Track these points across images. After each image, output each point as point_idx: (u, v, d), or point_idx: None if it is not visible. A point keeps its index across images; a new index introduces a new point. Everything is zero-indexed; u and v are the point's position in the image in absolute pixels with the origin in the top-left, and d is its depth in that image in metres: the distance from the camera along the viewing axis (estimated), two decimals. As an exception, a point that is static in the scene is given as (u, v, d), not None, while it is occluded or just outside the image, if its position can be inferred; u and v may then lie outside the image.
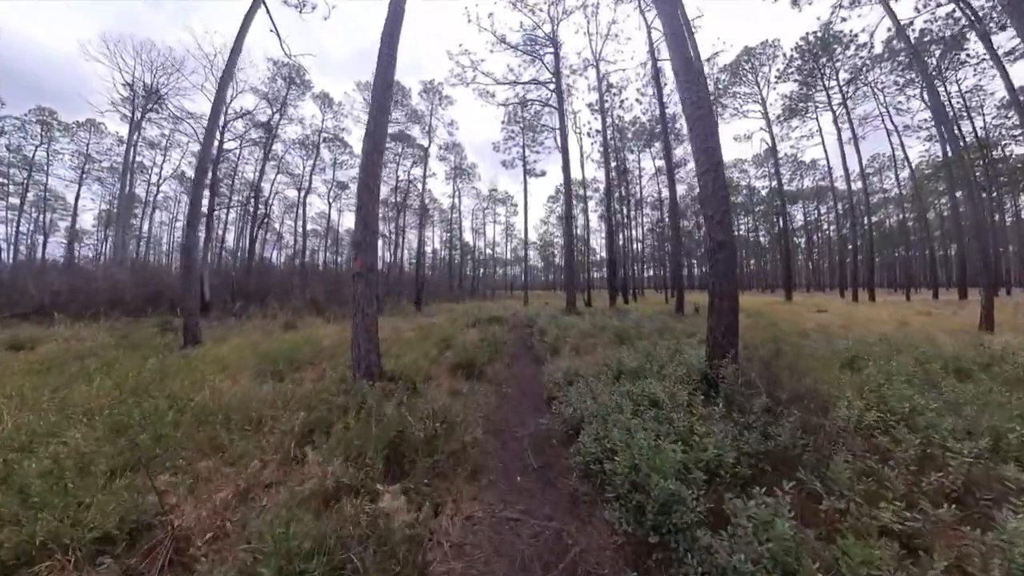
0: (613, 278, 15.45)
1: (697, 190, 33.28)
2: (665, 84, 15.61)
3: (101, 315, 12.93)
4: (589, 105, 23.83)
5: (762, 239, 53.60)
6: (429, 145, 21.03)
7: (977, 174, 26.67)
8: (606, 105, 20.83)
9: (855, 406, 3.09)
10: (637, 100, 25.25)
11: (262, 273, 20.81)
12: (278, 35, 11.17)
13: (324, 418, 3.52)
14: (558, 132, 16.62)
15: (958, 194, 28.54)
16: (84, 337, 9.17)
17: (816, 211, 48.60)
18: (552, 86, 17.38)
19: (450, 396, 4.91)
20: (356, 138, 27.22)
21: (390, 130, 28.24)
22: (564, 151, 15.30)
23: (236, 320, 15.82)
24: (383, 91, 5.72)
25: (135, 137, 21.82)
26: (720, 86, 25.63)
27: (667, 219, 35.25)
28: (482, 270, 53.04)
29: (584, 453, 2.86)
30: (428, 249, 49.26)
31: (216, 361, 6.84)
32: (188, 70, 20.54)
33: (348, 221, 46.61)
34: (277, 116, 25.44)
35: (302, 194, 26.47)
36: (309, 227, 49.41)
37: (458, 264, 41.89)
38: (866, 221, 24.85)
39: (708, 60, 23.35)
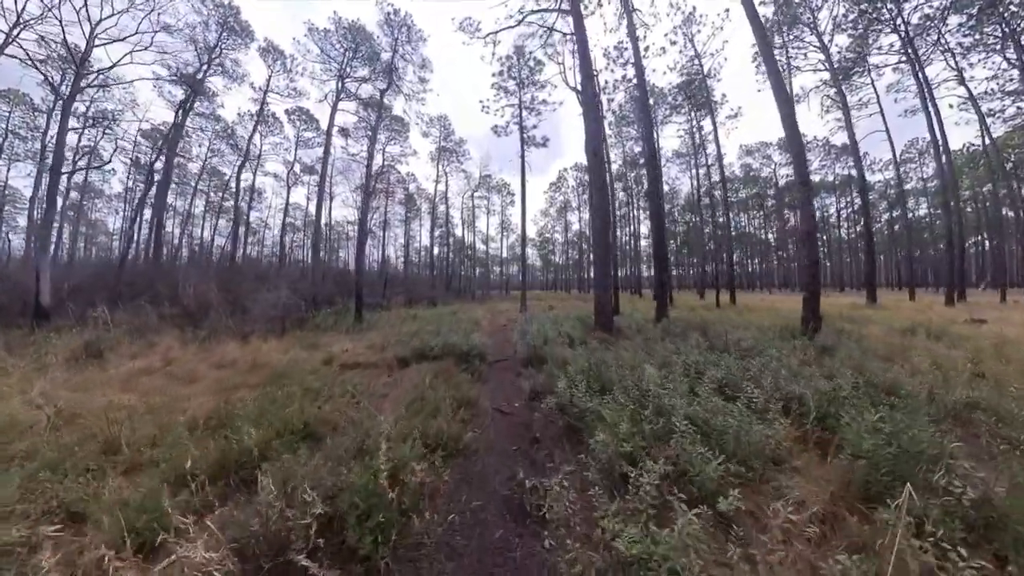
0: (662, 275, 9.01)
1: (713, 178, 26.56)
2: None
3: None
4: (605, 51, 17.40)
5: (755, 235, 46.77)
6: (387, 88, 14.46)
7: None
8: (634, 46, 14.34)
9: None
10: (663, 48, 18.78)
11: (162, 269, 14.32)
12: None
13: None
14: (573, 39, 10.15)
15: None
16: None
17: (841, 201, 42.07)
18: (562, -13, 10.96)
19: None
20: (313, 101, 20.76)
21: (354, 88, 21.64)
22: (584, 64, 8.80)
23: (75, 334, 9.42)
24: None
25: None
26: (769, 26, 19.23)
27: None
28: (478, 269, 46.48)
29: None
30: (416, 245, 42.69)
31: None
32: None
33: (312, 208, 39.47)
34: (205, 68, 18.93)
35: (237, 168, 20.05)
36: (287, 220, 42.93)
37: (443, 260, 35.25)
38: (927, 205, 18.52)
39: (766, -17, 16.97)
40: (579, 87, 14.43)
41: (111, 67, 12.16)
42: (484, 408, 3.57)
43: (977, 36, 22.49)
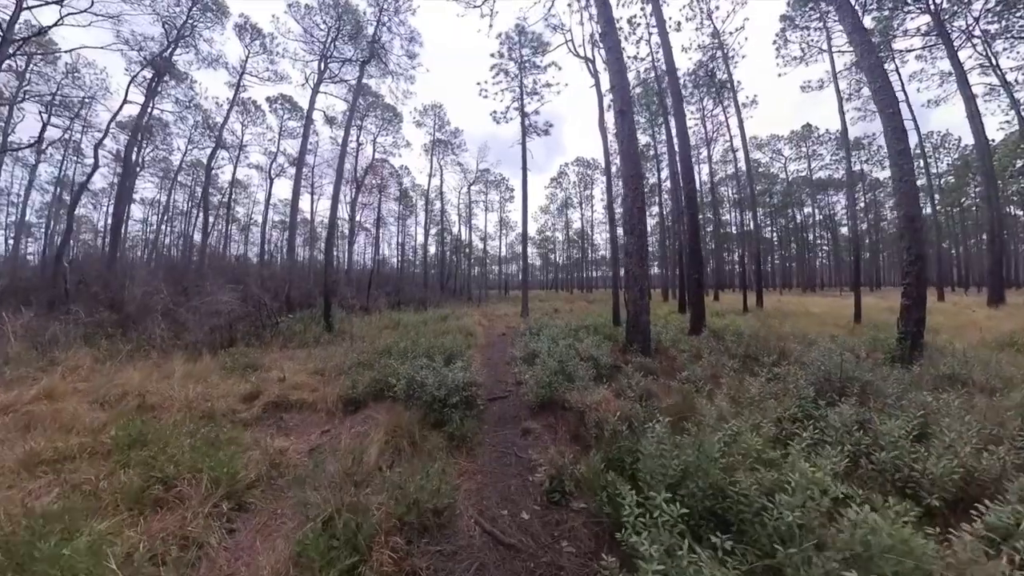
0: (697, 273, 7.29)
1: (719, 175, 24.68)
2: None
3: None
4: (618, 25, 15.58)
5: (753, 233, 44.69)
6: (369, 60, 12.66)
7: None
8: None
9: None
10: (678, 24, 17.08)
11: (116, 267, 12.53)
12: None
13: None
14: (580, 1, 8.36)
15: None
16: None
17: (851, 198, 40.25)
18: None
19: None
20: (295, 85, 18.98)
21: (336, 69, 19.75)
22: (603, 10, 7.10)
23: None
24: None
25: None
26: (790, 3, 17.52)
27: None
28: (476, 268, 44.66)
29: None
30: (413, 243, 40.82)
31: None
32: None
33: (301, 203, 37.34)
34: (172, 46, 17.07)
35: (209, 155, 18.21)
36: (277, 218, 41.02)
37: (439, 258, 33.39)
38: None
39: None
40: (589, 55, 12.68)
41: (39, 32, 10.26)
42: (462, 527, 1.85)
43: (1003, 23, 20.82)
